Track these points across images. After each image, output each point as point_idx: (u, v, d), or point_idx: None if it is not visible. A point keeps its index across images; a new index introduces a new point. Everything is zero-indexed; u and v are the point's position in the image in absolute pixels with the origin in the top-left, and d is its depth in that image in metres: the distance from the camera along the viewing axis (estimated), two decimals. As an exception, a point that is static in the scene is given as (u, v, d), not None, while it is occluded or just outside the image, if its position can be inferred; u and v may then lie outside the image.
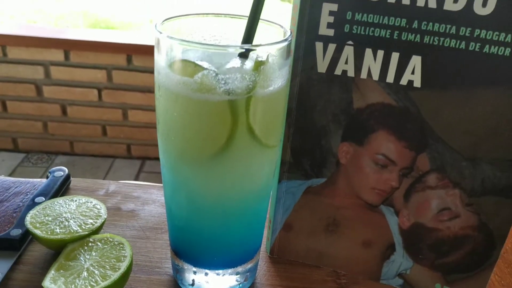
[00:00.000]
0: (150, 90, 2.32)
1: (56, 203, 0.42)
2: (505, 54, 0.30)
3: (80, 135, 2.41)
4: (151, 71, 2.25)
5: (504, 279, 0.46)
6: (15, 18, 4.52)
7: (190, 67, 0.29)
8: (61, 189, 0.48)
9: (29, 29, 2.31)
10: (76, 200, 0.42)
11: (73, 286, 0.33)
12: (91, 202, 0.42)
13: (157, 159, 2.17)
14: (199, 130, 0.30)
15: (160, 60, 0.30)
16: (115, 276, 0.34)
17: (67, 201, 0.42)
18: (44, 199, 0.45)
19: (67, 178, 0.49)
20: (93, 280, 0.34)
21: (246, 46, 0.29)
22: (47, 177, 0.50)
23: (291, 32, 0.31)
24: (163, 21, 0.32)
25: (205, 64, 0.29)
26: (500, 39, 0.30)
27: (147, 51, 2.22)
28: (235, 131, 0.29)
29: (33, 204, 0.44)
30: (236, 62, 0.29)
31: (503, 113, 0.32)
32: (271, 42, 0.29)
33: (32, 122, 2.44)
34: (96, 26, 4.49)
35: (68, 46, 2.21)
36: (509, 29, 0.29)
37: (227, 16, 0.34)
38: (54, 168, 0.50)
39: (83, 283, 0.34)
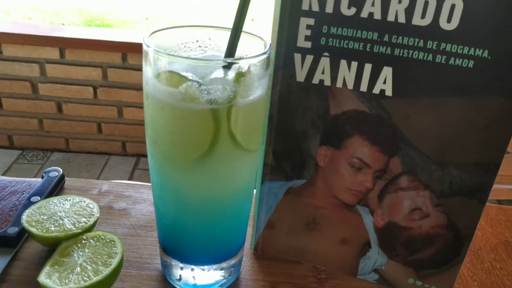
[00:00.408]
0: (145, 88, 2.32)
1: (51, 202, 0.44)
2: (469, 66, 0.32)
3: (76, 132, 2.43)
4: (146, 69, 2.26)
5: (476, 275, 0.48)
6: (11, 15, 4.52)
7: (176, 78, 0.31)
8: (56, 188, 0.50)
9: (24, 27, 2.31)
10: (70, 200, 0.45)
11: (67, 281, 0.36)
12: (84, 202, 0.45)
13: (152, 156, 2.17)
14: (183, 136, 0.32)
15: (147, 71, 0.33)
16: (106, 271, 0.37)
17: (62, 200, 0.44)
18: (39, 198, 0.47)
19: (61, 178, 0.52)
20: (86, 275, 0.36)
21: (228, 60, 0.31)
22: (43, 177, 0.52)
23: (270, 45, 0.33)
24: (151, 33, 0.34)
25: (189, 75, 0.31)
26: (464, 52, 0.32)
27: (142, 49, 2.23)
28: (218, 138, 0.31)
29: (29, 203, 0.46)
30: (219, 73, 0.31)
31: (468, 121, 0.34)
32: (250, 56, 0.31)
33: (28, 119, 2.45)
34: (92, 23, 4.50)
35: (63, 44, 2.21)
36: (472, 43, 0.32)
37: (212, 28, 0.36)
38: (49, 169, 0.52)
39: (76, 278, 0.36)
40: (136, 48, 2.24)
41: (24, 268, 0.41)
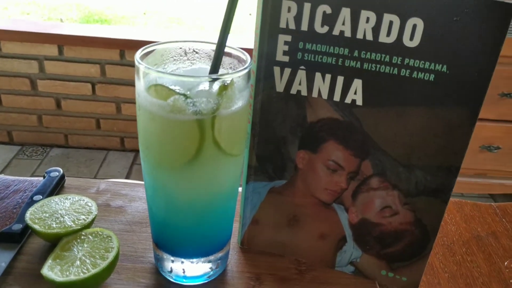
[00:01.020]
0: (142, 84, 2.35)
1: (52, 201, 0.48)
2: (430, 79, 0.36)
3: (75, 128, 2.46)
4: (143, 65, 2.29)
5: (447, 267, 0.52)
6: (8, 10, 4.52)
7: (164, 91, 0.34)
8: (57, 187, 0.54)
9: (23, 24, 2.34)
10: (70, 198, 0.48)
11: (67, 273, 0.39)
12: (83, 200, 0.48)
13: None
14: (172, 144, 0.36)
15: (139, 84, 0.36)
16: (103, 264, 0.40)
17: (62, 199, 0.48)
18: (41, 197, 0.51)
19: (62, 178, 0.55)
20: (85, 268, 0.40)
21: (212, 76, 0.35)
22: (44, 177, 0.56)
23: (250, 61, 0.37)
24: (142, 50, 0.37)
25: (177, 89, 0.34)
26: (425, 67, 0.36)
27: (140, 46, 2.25)
28: (203, 145, 0.35)
29: (31, 202, 0.50)
30: (204, 85, 0.35)
31: (430, 128, 0.38)
32: (232, 72, 0.35)
33: (27, 116, 2.47)
34: (90, 18, 4.50)
35: (62, 41, 2.24)
36: (433, 59, 0.35)
37: (199, 42, 0.40)
38: (50, 169, 0.56)
39: (76, 270, 0.40)
40: (133, 45, 2.27)
41: (27, 262, 0.45)
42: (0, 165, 2.41)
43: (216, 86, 0.35)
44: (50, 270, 0.40)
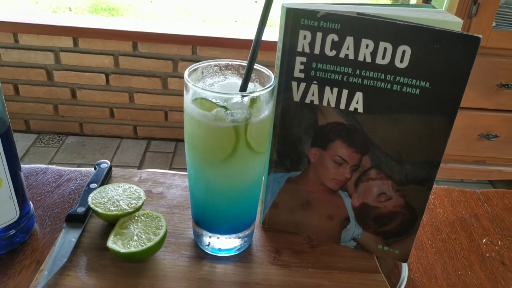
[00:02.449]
0: (154, 74, 2.45)
1: (107, 188, 0.58)
2: (416, 93, 0.45)
3: (89, 117, 2.56)
4: (155, 57, 2.38)
5: (434, 243, 0.62)
6: None
7: (208, 104, 0.44)
8: (107, 177, 0.64)
9: (39, 17, 2.42)
10: (121, 186, 0.59)
11: (128, 246, 0.50)
12: (133, 188, 0.59)
13: (162, 139, 2.35)
14: (213, 144, 0.46)
15: (187, 97, 0.46)
16: (156, 239, 0.51)
17: (115, 187, 0.58)
18: (96, 185, 0.61)
19: (110, 169, 0.65)
20: (142, 242, 0.50)
21: (244, 94, 0.44)
22: (95, 168, 0.66)
23: (274, 79, 0.46)
24: (189, 70, 0.47)
25: (217, 102, 0.44)
26: (412, 84, 0.45)
27: (152, 38, 2.34)
28: (237, 145, 0.45)
29: (89, 189, 0.60)
30: (239, 99, 0.45)
31: (416, 131, 0.47)
32: (260, 89, 0.45)
33: (44, 105, 2.58)
34: (98, 6, 4.58)
35: (76, 33, 2.32)
36: (418, 77, 0.45)
37: (230, 61, 0.50)
38: (99, 161, 0.66)
39: (135, 244, 0.50)
40: (146, 37, 2.35)
41: (91, 238, 0.55)
42: (19, 153, 2.52)
43: (248, 100, 0.44)
44: (114, 244, 0.50)
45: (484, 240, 0.63)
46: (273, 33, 2.20)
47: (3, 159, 0.51)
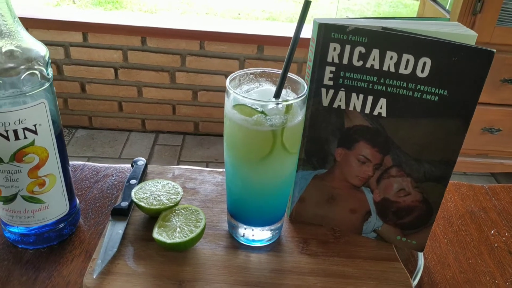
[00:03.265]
0: (162, 69, 2.49)
1: (148, 184, 0.63)
2: (435, 100, 0.50)
3: (98, 110, 2.60)
4: (163, 51, 2.42)
5: (446, 234, 0.67)
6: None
7: (248, 110, 0.49)
8: (144, 173, 0.69)
9: (49, 12, 2.46)
10: (160, 182, 0.64)
11: (173, 237, 0.55)
12: (171, 184, 0.64)
13: (170, 132, 2.41)
14: (252, 146, 0.51)
15: (228, 102, 0.51)
16: (197, 231, 0.56)
17: (155, 183, 0.63)
18: (136, 181, 0.66)
19: (146, 165, 0.71)
20: (185, 233, 0.55)
21: (281, 102, 0.49)
22: (132, 166, 0.71)
23: (307, 87, 0.51)
24: (231, 78, 0.52)
25: (257, 107, 0.49)
26: (432, 91, 0.50)
27: (160, 33, 2.38)
28: (274, 147, 0.50)
29: (129, 185, 0.65)
30: (277, 106, 0.50)
31: (434, 133, 0.52)
32: (295, 98, 0.50)
33: (58, 99, 2.61)
34: (102, -1, 4.59)
35: (86, 28, 2.36)
36: (437, 85, 0.50)
37: (264, 69, 0.54)
38: (136, 159, 0.71)
39: (179, 235, 0.55)
40: (154, 32, 2.39)
41: (135, 230, 0.60)
42: (30, 146, 2.55)
43: (284, 107, 0.49)
44: (159, 235, 0.55)
45: (492, 232, 0.68)
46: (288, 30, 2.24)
47: (57, 158, 0.56)
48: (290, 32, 2.44)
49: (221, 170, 0.74)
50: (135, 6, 5.03)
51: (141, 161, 0.70)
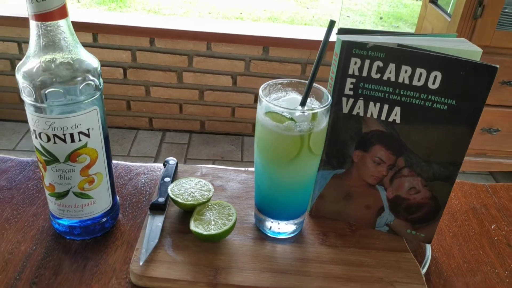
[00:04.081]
0: (170, 69, 2.55)
1: (182, 182, 0.69)
2: (444, 109, 0.57)
3: (107, 109, 2.64)
4: (171, 52, 2.49)
5: (451, 229, 0.74)
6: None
7: (279, 117, 0.56)
8: (175, 172, 0.76)
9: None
10: (193, 180, 0.70)
11: (208, 229, 0.61)
12: (202, 181, 0.70)
13: (176, 131, 2.49)
14: (281, 149, 0.57)
15: (260, 110, 0.57)
16: (230, 223, 0.62)
17: (188, 181, 0.70)
18: (169, 179, 0.73)
19: (177, 164, 0.77)
20: (219, 226, 0.62)
21: (306, 110, 0.56)
22: (164, 165, 0.77)
23: (331, 98, 0.58)
24: (263, 87, 0.58)
25: (286, 114, 0.56)
26: (441, 101, 0.57)
27: (168, 34, 2.45)
28: (301, 150, 0.57)
29: (164, 183, 0.72)
30: (304, 114, 0.56)
31: (443, 138, 0.59)
32: (320, 107, 0.56)
33: (63, 97, 2.66)
34: (106, -3, 4.63)
35: (96, 29, 2.42)
36: (446, 96, 0.56)
37: (291, 79, 0.61)
38: (168, 158, 0.78)
39: (214, 227, 0.62)
40: (162, 33, 2.45)
41: (171, 223, 0.67)
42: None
43: (310, 114, 0.56)
44: (196, 227, 0.62)
45: (492, 226, 0.75)
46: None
47: (105, 158, 0.62)
48: (294, 34, 2.51)
49: (243, 169, 0.81)
50: (139, 5, 5.08)
51: (173, 160, 0.77)
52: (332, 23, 0.55)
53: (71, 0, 5.03)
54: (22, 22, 2.42)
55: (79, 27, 2.40)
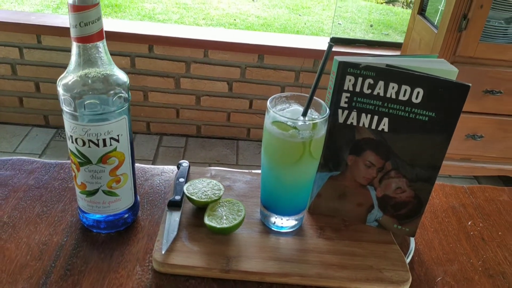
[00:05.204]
0: (168, 75, 2.64)
1: (195, 182, 0.78)
2: (425, 120, 0.66)
3: (105, 113, 2.72)
4: (169, 59, 2.57)
5: (433, 225, 0.84)
6: (26, -3, 4.70)
7: (284, 125, 0.65)
8: (188, 173, 0.85)
9: (61, 20, 2.58)
10: (205, 180, 0.79)
11: (220, 222, 0.70)
12: (213, 182, 0.79)
13: (173, 135, 2.59)
14: (286, 153, 0.66)
15: (268, 119, 0.67)
16: (240, 218, 0.71)
17: (201, 181, 0.79)
18: (183, 179, 0.81)
19: (189, 166, 0.86)
20: (230, 220, 0.71)
21: (307, 120, 0.65)
22: (178, 167, 0.86)
23: (329, 110, 0.67)
24: (271, 98, 0.67)
25: (290, 124, 0.65)
26: (423, 113, 0.66)
27: (166, 41, 2.53)
28: (303, 155, 0.66)
29: (179, 183, 0.80)
30: (306, 123, 0.65)
31: (424, 145, 0.68)
32: (320, 117, 0.65)
33: (62, 102, 2.73)
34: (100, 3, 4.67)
35: (97, 35, 2.48)
36: (427, 109, 0.66)
37: (292, 93, 0.70)
38: (181, 161, 0.86)
39: (226, 222, 0.71)
40: (161, 40, 2.54)
41: (187, 218, 0.75)
42: (41, 146, 2.69)
43: (311, 124, 0.65)
44: (210, 221, 0.71)
45: (469, 223, 0.84)
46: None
47: (130, 161, 0.71)
48: (288, 43, 2.61)
49: (247, 171, 0.90)
50: (134, 11, 5.15)
51: (185, 163, 0.86)
52: (330, 46, 0.64)
53: (66, 5, 5.08)
54: (23, 28, 2.49)
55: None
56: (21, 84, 2.66)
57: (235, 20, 5.22)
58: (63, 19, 2.59)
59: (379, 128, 0.69)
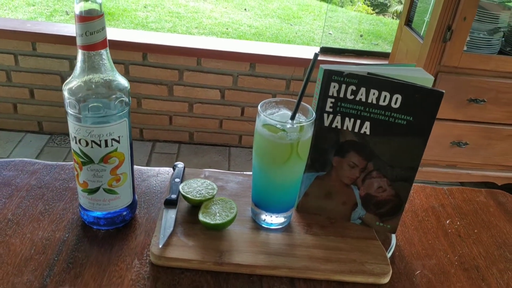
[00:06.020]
0: (161, 82, 2.68)
1: (190, 182, 0.83)
2: (404, 123, 0.72)
3: (99, 120, 2.76)
4: (162, 67, 2.62)
5: (413, 223, 0.89)
6: (14, 0, 4.73)
7: (273, 128, 0.70)
8: (183, 174, 0.90)
9: (56, 28, 2.63)
10: (199, 181, 0.84)
11: (214, 219, 0.75)
12: (207, 182, 0.84)
13: (166, 141, 2.64)
14: (275, 154, 0.72)
15: (258, 122, 0.72)
16: (232, 215, 0.76)
17: (195, 181, 0.84)
18: (179, 179, 0.86)
19: (184, 168, 0.91)
20: (223, 217, 0.76)
21: (297, 122, 0.71)
22: (174, 168, 0.91)
23: (315, 114, 0.72)
24: (262, 103, 0.73)
25: (279, 126, 0.70)
26: (402, 117, 0.72)
27: (160, 50, 2.58)
28: (291, 155, 0.71)
29: (174, 182, 0.85)
30: (294, 126, 0.71)
31: (402, 147, 0.74)
32: (306, 120, 0.71)
33: (56, 108, 2.78)
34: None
35: (91, 43, 2.53)
36: (405, 113, 0.71)
37: (282, 98, 0.75)
38: (176, 163, 0.91)
39: (219, 218, 0.75)
40: (154, 49, 2.59)
41: (182, 216, 0.80)
42: (34, 152, 2.71)
43: (299, 126, 0.71)
44: (204, 218, 0.76)
45: (447, 221, 0.90)
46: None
47: (129, 161, 0.76)
48: (279, 52, 2.67)
49: (239, 172, 0.95)
50: (127, 19, 5.20)
51: (180, 164, 0.91)
52: (316, 55, 0.70)
53: (60, 13, 5.13)
54: (18, 35, 2.53)
55: (73, 41, 2.51)
56: (16, 91, 2.70)
57: (227, 29, 5.29)
58: (58, 27, 2.63)
59: (362, 131, 0.75)
